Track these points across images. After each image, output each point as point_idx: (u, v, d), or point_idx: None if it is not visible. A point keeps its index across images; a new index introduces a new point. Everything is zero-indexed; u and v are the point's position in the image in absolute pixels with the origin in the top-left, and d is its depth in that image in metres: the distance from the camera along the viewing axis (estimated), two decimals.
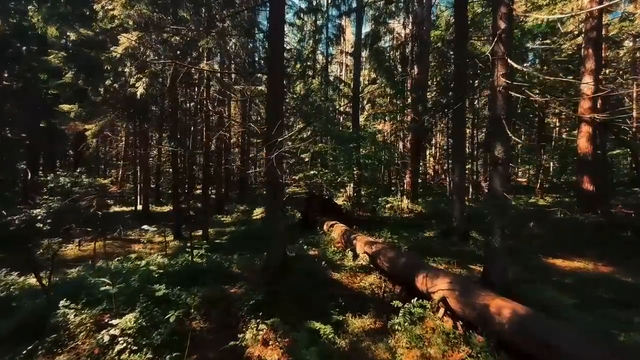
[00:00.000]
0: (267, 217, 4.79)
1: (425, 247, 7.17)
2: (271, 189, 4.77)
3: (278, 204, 4.78)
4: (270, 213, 4.84)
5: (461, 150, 7.80)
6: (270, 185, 4.76)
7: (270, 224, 4.80)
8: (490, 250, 4.26)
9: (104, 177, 10.70)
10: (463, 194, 7.86)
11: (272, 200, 4.76)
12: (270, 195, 4.79)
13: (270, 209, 4.82)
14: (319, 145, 8.72)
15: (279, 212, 4.81)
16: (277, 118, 4.63)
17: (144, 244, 9.60)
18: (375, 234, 8.40)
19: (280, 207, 4.82)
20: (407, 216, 11.90)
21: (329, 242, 7.43)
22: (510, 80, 4.15)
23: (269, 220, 4.85)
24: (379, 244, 5.76)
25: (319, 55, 24.26)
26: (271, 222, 4.78)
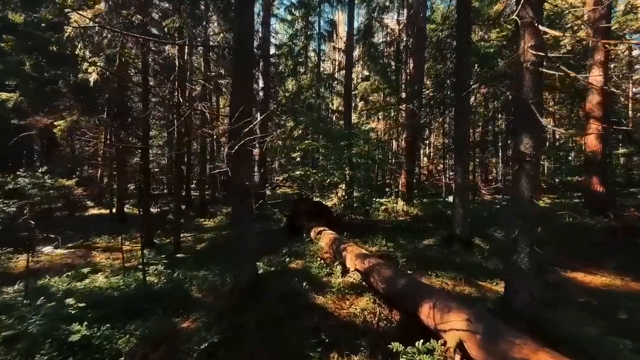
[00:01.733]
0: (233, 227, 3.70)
1: (425, 258, 6.20)
2: (237, 193, 3.73)
3: (246, 211, 3.75)
4: (236, 223, 3.80)
5: (463, 147, 6.86)
6: (235, 187, 3.73)
7: (236, 236, 3.77)
8: (515, 271, 3.29)
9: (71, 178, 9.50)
10: (466, 197, 6.92)
11: (238, 206, 3.73)
12: (235, 200, 3.76)
13: (237, 218, 3.79)
14: (306, 142, 7.73)
15: (248, 222, 3.78)
16: (243, 102, 3.60)
17: (109, 253, 8.47)
18: (369, 241, 7.42)
19: (248, 215, 3.79)
20: (402, 219, 10.95)
21: (315, 253, 6.41)
22: (543, 52, 3.19)
23: (236, 232, 3.82)
24: (373, 259, 4.76)
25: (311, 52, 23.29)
26: (238, 234, 3.75)
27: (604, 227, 7.96)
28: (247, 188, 3.72)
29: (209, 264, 6.40)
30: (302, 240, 7.39)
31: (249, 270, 3.79)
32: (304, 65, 21.34)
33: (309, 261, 5.89)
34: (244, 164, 3.70)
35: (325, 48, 23.71)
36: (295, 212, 8.69)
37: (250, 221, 3.83)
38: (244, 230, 3.74)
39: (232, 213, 3.89)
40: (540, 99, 3.36)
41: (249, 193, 3.77)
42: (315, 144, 7.58)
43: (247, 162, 3.71)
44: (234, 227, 3.83)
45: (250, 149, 3.84)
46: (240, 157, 3.68)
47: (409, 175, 11.89)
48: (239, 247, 3.76)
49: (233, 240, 3.85)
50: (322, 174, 8.38)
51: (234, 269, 3.85)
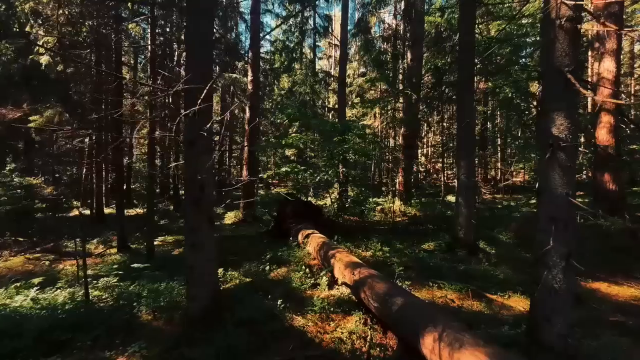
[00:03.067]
0: (185, 235, 2.83)
1: (425, 265, 5.41)
2: (190, 190, 2.93)
3: (202, 214, 2.94)
4: (190, 230, 2.99)
5: (469, 140, 6.08)
6: (188, 183, 2.93)
7: (189, 247, 2.96)
8: (546, 292, 2.50)
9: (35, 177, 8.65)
10: (472, 197, 6.14)
11: (193, 209, 2.92)
12: (189, 200, 2.95)
13: (190, 223, 2.97)
14: (292, 136, 6.93)
15: (206, 228, 2.97)
16: (200, 68, 2.80)
17: (78, 258, 7.62)
18: (362, 245, 6.63)
19: (207, 220, 2.98)
20: (400, 220, 10.16)
21: (300, 259, 5.61)
22: (579, 10, 2.41)
23: (188, 240, 3.00)
24: (364, 269, 3.96)
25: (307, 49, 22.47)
26: (192, 244, 2.94)
27: (621, 230, 7.20)
28: (204, 184, 2.92)
29: (180, 272, 5.59)
30: (289, 245, 6.59)
31: (207, 290, 2.98)
32: (299, 62, 20.54)
33: (293, 270, 5.09)
34: (201, 153, 2.89)
35: (320, 44, 22.92)
36: (282, 213, 7.89)
37: (210, 227, 3.02)
38: (200, 239, 2.93)
39: (185, 216, 3.08)
40: (578, 65, 2.57)
41: (208, 191, 2.96)
42: (304, 137, 6.79)
43: (205, 151, 2.91)
44: (186, 235, 3.02)
45: (209, 137, 3.04)
46: (194, 144, 2.88)
47: (407, 173, 11.11)
48: (193, 261, 2.95)
49: (185, 252, 3.04)
50: (312, 171, 7.57)
51: (189, 290, 3.03)
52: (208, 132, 2.92)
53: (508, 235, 7.60)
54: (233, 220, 10.96)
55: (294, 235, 7.00)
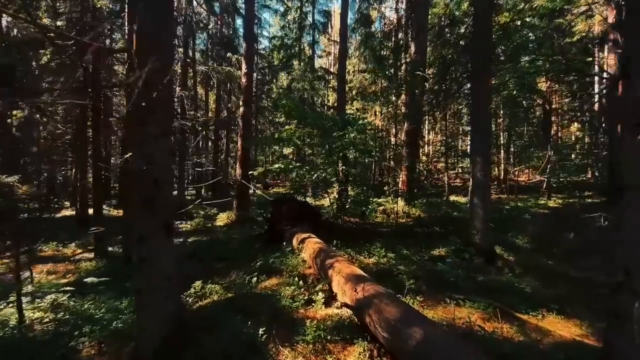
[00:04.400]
0: (136, 248, 1.99)
1: (438, 275, 4.64)
2: (141, 189, 2.16)
3: (157, 220, 2.18)
4: (139, 241, 2.21)
5: (485, 133, 5.31)
6: (136, 180, 2.16)
7: (139, 263, 2.19)
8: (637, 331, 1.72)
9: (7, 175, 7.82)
10: (488, 196, 5.36)
11: (144, 211, 2.15)
12: (140, 201, 2.18)
13: (139, 231, 2.20)
14: (286, 129, 6.15)
15: (161, 238, 2.20)
16: (153, 43, 2.04)
17: (52, 264, 6.86)
18: (364, 250, 5.86)
19: (162, 226, 2.20)
20: (403, 222, 9.39)
21: (294, 268, 4.84)
22: None
23: (137, 253, 2.22)
24: (370, 284, 3.19)
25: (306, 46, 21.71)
26: (142, 258, 2.18)
27: None
28: (159, 179, 2.15)
29: None
30: (282, 250, 5.82)
31: (162, 320, 2.20)
32: (297, 58, 19.80)
33: (284, 282, 4.32)
34: (154, 136, 2.12)
35: (320, 40, 22.19)
36: (276, 214, 7.11)
37: (166, 236, 2.24)
38: (153, 252, 2.16)
39: (136, 221, 2.29)
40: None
41: (164, 188, 2.19)
42: (299, 131, 6.04)
43: (160, 134, 2.14)
44: (137, 247, 2.24)
45: (166, 115, 2.27)
46: (145, 124, 2.11)
47: (410, 171, 10.34)
48: (143, 283, 2.18)
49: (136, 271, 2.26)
50: (308, 168, 6.80)
51: (138, 318, 2.25)
52: (164, 109, 2.15)
53: (525, 239, 6.84)
54: (226, 222, 10.19)
55: (288, 240, 6.23)
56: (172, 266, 2.30)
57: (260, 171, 6.58)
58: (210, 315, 3.24)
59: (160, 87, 2.12)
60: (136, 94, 2.07)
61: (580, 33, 13.48)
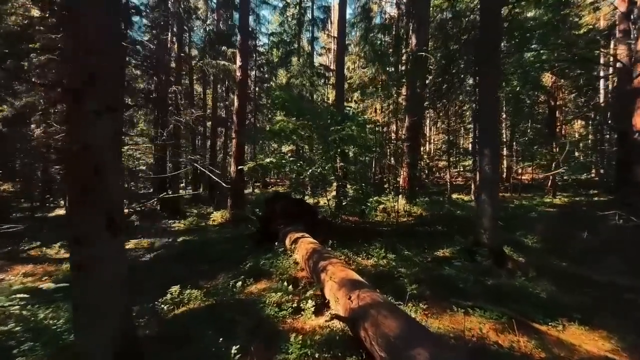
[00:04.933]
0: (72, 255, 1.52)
1: (443, 279, 4.20)
2: (78, 177, 1.73)
3: (98, 215, 1.74)
4: (75, 242, 1.77)
5: (493, 125, 4.85)
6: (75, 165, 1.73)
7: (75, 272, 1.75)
8: None
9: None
10: (496, 192, 4.90)
11: (80, 205, 1.72)
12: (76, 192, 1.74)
13: (76, 230, 1.76)
14: (278, 120, 5.69)
15: (105, 238, 1.77)
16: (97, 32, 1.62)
17: (33, 266, 6.44)
18: (363, 251, 5.42)
19: (104, 224, 1.77)
20: (404, 221, 8.94)
21: (285, 271, 4.40)
22: None
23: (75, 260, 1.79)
24: (366, 291, 2.75)
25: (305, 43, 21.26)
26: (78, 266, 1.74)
27: None
28: (100, 165, 1.72)
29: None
30: (274, 251, 5.38)
31: (106, 343, 1.76)
32: (296, 54, 19.34)
33: (273, 286, 3.88)
34: (93, 114, 1.69)
35: (319, 36, 21.72)
36: (269, 212, 6.68)
37: (112, 236, 1.81)
38: (92, 257, 1.73)
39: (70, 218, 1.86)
40: None
41: (107, 177, 1.76)
42: (293, 123, 5.58)
43: (102, 111, 1.71)
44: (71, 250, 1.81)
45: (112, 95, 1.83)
46: (82, 97, 1.68)
47: (411, 168, 9.88)
48: (79, 297, 1.75)
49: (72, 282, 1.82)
50: (303, 163, 6.34)
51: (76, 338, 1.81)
52: (108, 78, 1.72)
53: (534, 239, 6.37)
54: (219, 221, 9.76)
55: (281, 239, 5.80)
56: (120, 274, 1.87)
57: (251, 166, 6.12)
58: (182, 327, 2.81)
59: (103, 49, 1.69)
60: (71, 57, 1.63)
61: (587, 25, 12.98)
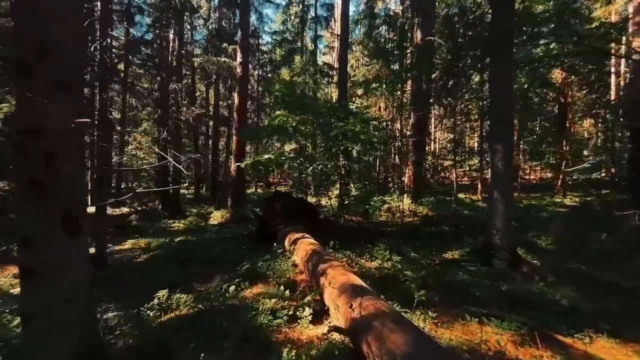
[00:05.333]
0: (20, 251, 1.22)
1: (454, 283, 3.87)
2: (27, 167, 1.45)
3: (52, 213, 1.47)
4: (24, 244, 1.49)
5: (506, 117, 4.50)
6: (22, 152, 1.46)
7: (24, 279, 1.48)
8: None
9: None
10: (510, 190, 4.56)
11: (29, 199, 1.44)
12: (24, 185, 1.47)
13: (26, 230, 1.49)
14: (277, 114, 5.38)
15: (60, 240, 1.50)
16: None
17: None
18: (366, 253, 5.10)
19: (59, 223, 1.49)
20: (410, 221, 8.60)
21: (283, 274, 4.11)
22: None
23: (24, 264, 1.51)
24: (369, 298, 2.44)
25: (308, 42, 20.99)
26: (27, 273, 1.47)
27: None
28: (55, 153, 1.44)
29: (119, 293, 4.17)
30: (273, 252, 5.08)
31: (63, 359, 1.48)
32: (299, 53, 19.07)
33: (269, 290, 3.59)
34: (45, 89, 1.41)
35: (323, 34, 21.39)
36: (269, 211, 6.40)
37: (67, 237, 1.53)
38: (46, 260, 1.46)
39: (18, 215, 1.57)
40: None
41: (63, 167, 1.48)
42: (292, 117, 5.26)
43: (55, 88, 1.43)
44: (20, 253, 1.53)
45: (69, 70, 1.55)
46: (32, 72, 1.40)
47: (417, 166, 9.53)
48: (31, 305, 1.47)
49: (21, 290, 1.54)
50: (304, 160, 6.02)
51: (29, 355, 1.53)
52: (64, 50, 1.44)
53: (548, 240, 6.00)
54: (219, 221, 9.51)
55: (281, 240, 5.51)
56: (81, 281, 1.59)
57: (248, 162, 5.83)
58: (164, 338, 2.53)
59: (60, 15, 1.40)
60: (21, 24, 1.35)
61: (599, 19, 12.49)
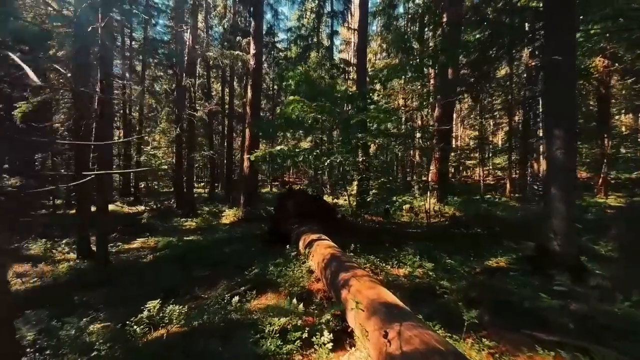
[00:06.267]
0: None
1: (507, 299, 3.10)
2: None
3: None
4: None
5: (567, 97, 3.67)
6: None
7: None
8: None
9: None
10: (572, 185, 3.71)
11: None
12: None
13: None
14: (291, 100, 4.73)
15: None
16: None
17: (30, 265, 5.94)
18: (392, 258, 4.39)
19: None
20: (435, 222, 7.79)
21: (296, 281, 3.48)
22: None
23: None
24: (410, 325, 1.76)
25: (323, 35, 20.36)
26: None
27: None
28: None
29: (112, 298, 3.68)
30: (285, 254, 4.47)
31: None
32: (315, 48, 18.48)
33: (278, 305, 2.96)
34: None
35: (339, 30, 20.68)
36: (281, 210, 5.80)
37: None
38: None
39: None
40: None
41: None
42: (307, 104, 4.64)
43: None
44: None
45: None
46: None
47: (442, 162, 8.66)
48: None
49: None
50: (319, 152, 5.37)
51: None
52: None
53: (607, 246, 5.05)
54: (231, 220, 9.04)
55: (294, 241, 4.89)
56: None
57: (258, 154, 5.26)
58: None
59: None
60: None
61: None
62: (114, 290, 4.10)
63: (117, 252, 6.67)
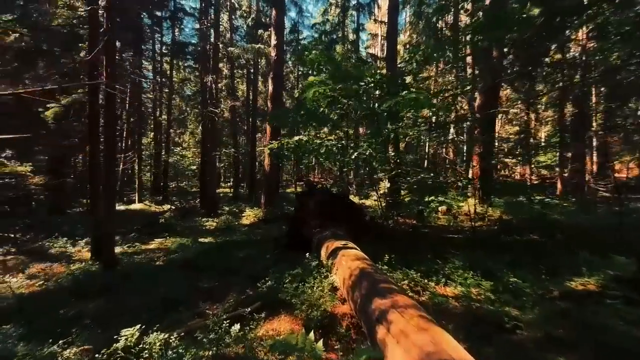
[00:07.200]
0: None
1: (614, 346, 2.13)
2: None
3: None
4: None
5: None
6: None
7: None
8: None
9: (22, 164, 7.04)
10: None
11: None
12: None
13: None
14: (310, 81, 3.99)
15: None
16: None
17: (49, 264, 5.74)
18: (434, 271, 3.50)
19: None
20: (480, 226, 6.69)
21: (315, 303, 2.72)
22: None
23: None
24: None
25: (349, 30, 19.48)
26: None
27: None
28: None
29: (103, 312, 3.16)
30: (305, 264, 3.74)
31: None
32: (340, 43, 17.68)
33: (289, 338, 2.22)
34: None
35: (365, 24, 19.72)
36: (302, 210, 5.09)
37: None
38: None
39: None
40: None
41: None
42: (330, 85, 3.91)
43: None
44: None
45: None
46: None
47: (486, 157, 7.48)
48: None
49: None
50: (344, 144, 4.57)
51: None
52: None
53: None
54: (251, 220, 8.51)
55: (316, 248, 4.16)
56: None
57: (274, 146, 4.60)
58: None
59: None
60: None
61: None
62: (112, 299, 3.62)
63: (133, 253, 6.35)
